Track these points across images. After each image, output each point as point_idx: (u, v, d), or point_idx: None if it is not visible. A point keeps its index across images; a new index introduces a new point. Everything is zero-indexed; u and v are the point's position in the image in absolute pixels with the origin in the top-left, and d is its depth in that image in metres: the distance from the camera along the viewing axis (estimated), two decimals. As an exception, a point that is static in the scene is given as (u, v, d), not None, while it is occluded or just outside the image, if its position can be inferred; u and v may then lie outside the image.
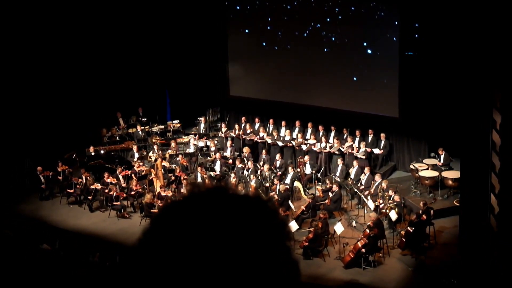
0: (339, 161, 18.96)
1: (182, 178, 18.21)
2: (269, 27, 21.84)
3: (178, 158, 19.77)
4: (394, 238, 15.90)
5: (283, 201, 16.99)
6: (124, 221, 17.77)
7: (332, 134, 20.27)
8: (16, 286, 11.86)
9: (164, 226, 1.34)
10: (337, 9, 20.37)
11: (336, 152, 19.64)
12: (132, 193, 18.25)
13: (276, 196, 17.06)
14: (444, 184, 17.69)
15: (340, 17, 20.36)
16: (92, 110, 21.73)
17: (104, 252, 14.71)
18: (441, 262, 14.92)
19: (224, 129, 21.86)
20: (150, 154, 20.39)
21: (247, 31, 22.44)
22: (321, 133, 20.33)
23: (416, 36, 18.98)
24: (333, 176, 18.56)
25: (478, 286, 13.50)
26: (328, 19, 20.58)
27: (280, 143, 20.59)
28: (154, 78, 23.83)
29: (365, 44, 20.05)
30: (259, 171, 18.95)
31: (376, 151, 19.71)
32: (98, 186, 18.38)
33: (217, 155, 19.80)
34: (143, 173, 19.02)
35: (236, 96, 23.07)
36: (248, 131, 21.39)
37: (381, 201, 16.74)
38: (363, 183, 18.04)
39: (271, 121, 21.44)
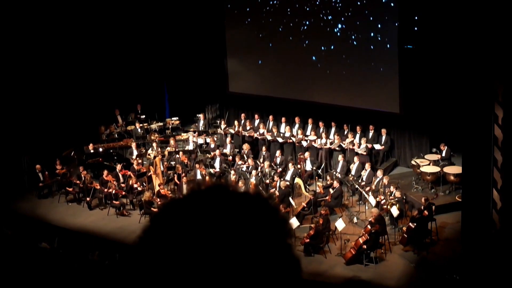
0: (340, 157, 18.87)
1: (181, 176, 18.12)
2: (268, 21, 21.70)
3: (177, 155, 19.66)
4: (396, 234, 15.81)
5: (283, 197, 16.89)
6: (124, 219, 17.69)
7: (333, 130, 20.16)
8: (15, 285, 11.77)
9: (164, 224, 1.32)
10: (336, 3, 20.24)
11: (337, 148, 19.54)
12: (134, 190, 18.13)
13: (276, 193, 16.96)
14: (446, 180, 17.60)
15: (339, 11, 20.23)
16: (90, 107, 21.61)
17: (103, 250, 14.62)
18: (443, 258, 14.84)
19: (223, 126, 21.75)
20: (149, 151, 20.28)
21: (245, 23, 22.27)
22: (321, 129, 20.23)
23: (416, 29, 18.85)
24: (334, 173, 18.47)
25: (480, 282, 13.39)
26: (327, 13, 20.46)
27: (280, 140, 20.48)
28: (152, 75, 23.72)
29: (365, 38, 19.92)
30: (259, 168, 18.84)
31: (377, 147, 19.61)
32: (97, 185, 18.26)
33: (217, 152, 19.70)
34: (142, 171, 18.91)
35: (235, 92, 22.96)
36: (248, 128, 21.27)
37: (382, 197, 16.65)
38: (364, 179, 17.95)
39: (271, 117, 21.33)
